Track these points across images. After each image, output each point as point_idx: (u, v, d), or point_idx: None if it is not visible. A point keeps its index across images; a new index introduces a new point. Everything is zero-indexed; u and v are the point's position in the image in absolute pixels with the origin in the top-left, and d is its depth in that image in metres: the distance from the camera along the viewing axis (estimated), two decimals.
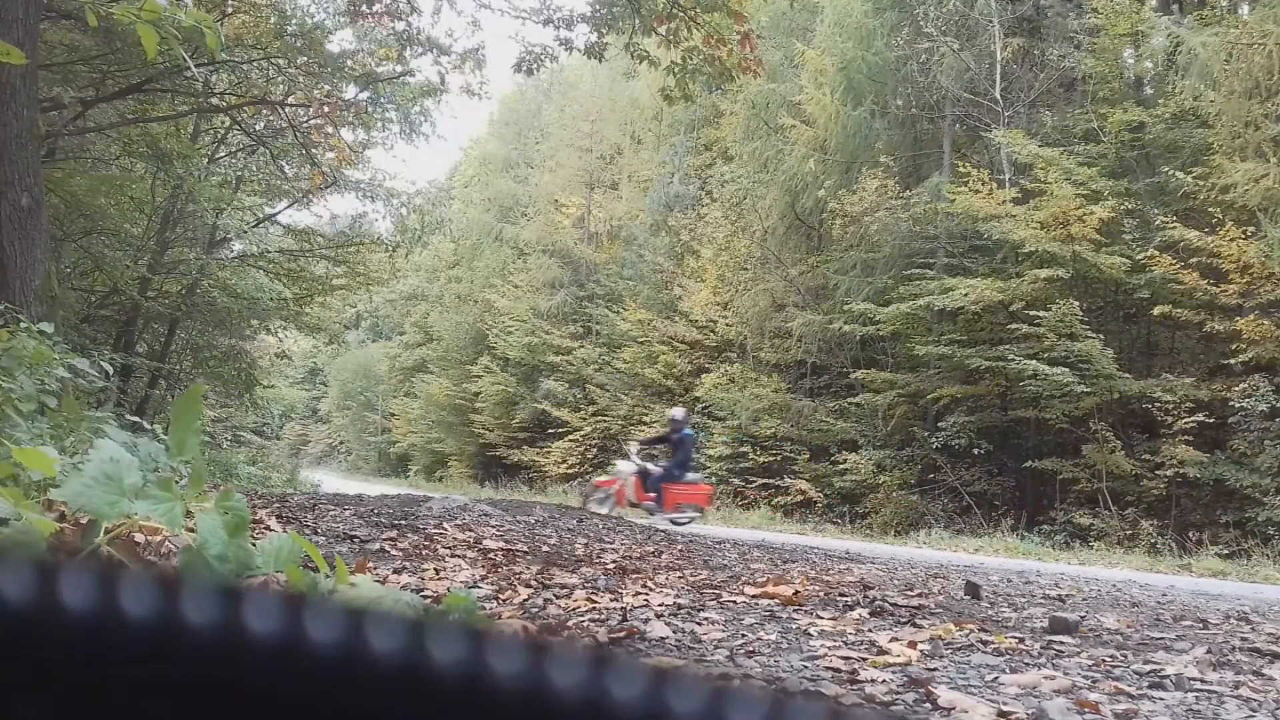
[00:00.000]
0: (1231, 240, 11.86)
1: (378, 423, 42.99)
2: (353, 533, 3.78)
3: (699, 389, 19.85)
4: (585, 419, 24.53)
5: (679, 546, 4.97)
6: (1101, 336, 12.88)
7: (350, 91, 12.79)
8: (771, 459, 17.73)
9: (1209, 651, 2.52)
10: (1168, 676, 2.11)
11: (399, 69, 12.40)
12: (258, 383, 17.52)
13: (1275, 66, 11.60)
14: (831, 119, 17.11)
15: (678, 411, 12.29)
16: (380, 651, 0.28)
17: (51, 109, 9.24)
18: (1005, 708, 1.70)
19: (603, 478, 12.00)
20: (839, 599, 3.17)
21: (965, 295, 13.76)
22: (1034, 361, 12.67)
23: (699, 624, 2.48)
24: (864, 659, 2.10)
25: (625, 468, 11.59)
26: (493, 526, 4.61)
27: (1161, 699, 1.91)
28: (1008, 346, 13.33)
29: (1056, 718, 1.66)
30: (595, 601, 2.73)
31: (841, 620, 2.66)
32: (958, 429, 14.50)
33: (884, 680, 1.88)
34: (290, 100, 12.21)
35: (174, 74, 10.31)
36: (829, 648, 2.21)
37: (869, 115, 17.09)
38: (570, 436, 24.77)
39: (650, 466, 11.52)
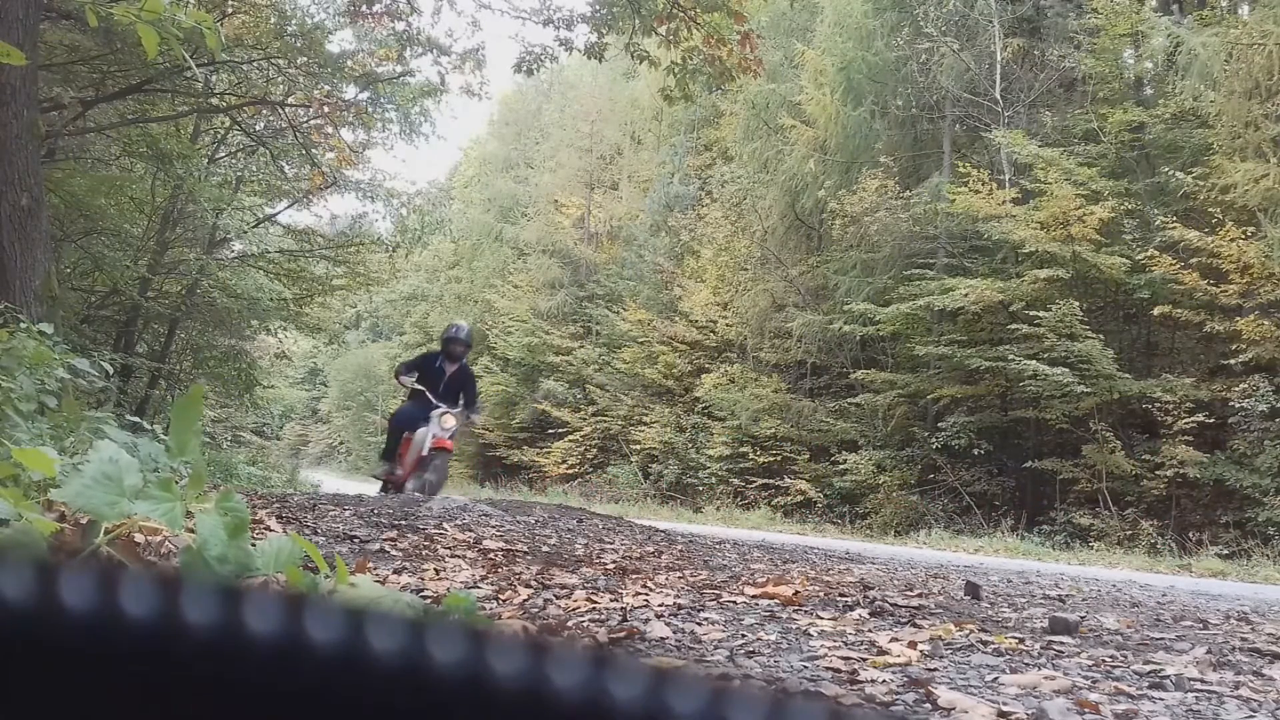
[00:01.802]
0: (1231, 240, 11.86)
1: (378, 423, 42.97)
2: (353, 533, 3.78)
3: (699, 389, 19.86)
4: (585, 419, 24.53)
5: (679, 547, 4.97)
6: (1101, 336, 12.88)
7: (350, 91, 12.81)
8: (771, 459, 17.73)
9: (1209, 652, 2.52)
10: (1168, 677, 2.11)
11: (399, 69, 12.41)
12: (258, 383, 17.51)
13: (1275, 66, 11.61)
14: (831, 119, 17.12)
15: (462, 325, 8.56)
16: (380, 651, 0.28)
17: (51, 109, 9.24)
18: (1005, 708, 1.70)
19: (439, 433, 7.80)
20: (839, 599, 3.17)
21: (965, 295, 13.76)
22: (1034, 362, 12.67)
23: (699, 624, 2.48)
24: (864, 659, 2.10)
25: (450, 426, 7.77)
26: (493, 527, 4.62)
27: (1161, 699, 1.91)
28: (1008, 347, 13.32)
29: (1056, 718, 1.66)
30: (595, 602, 2.73)
31: (841, 620, 2.66)
32: (958, 429, 14.50)
33: (884, 680, 1.88)
34: (290, 100, 12.22)
35: (174, 74, 10.31)
36: (829, 648, 2.21)
37: (869, 115, 17.09)
38: (570, 437, 24.77)
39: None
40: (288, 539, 1.50)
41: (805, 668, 2.00)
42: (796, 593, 3.12)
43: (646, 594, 2.93)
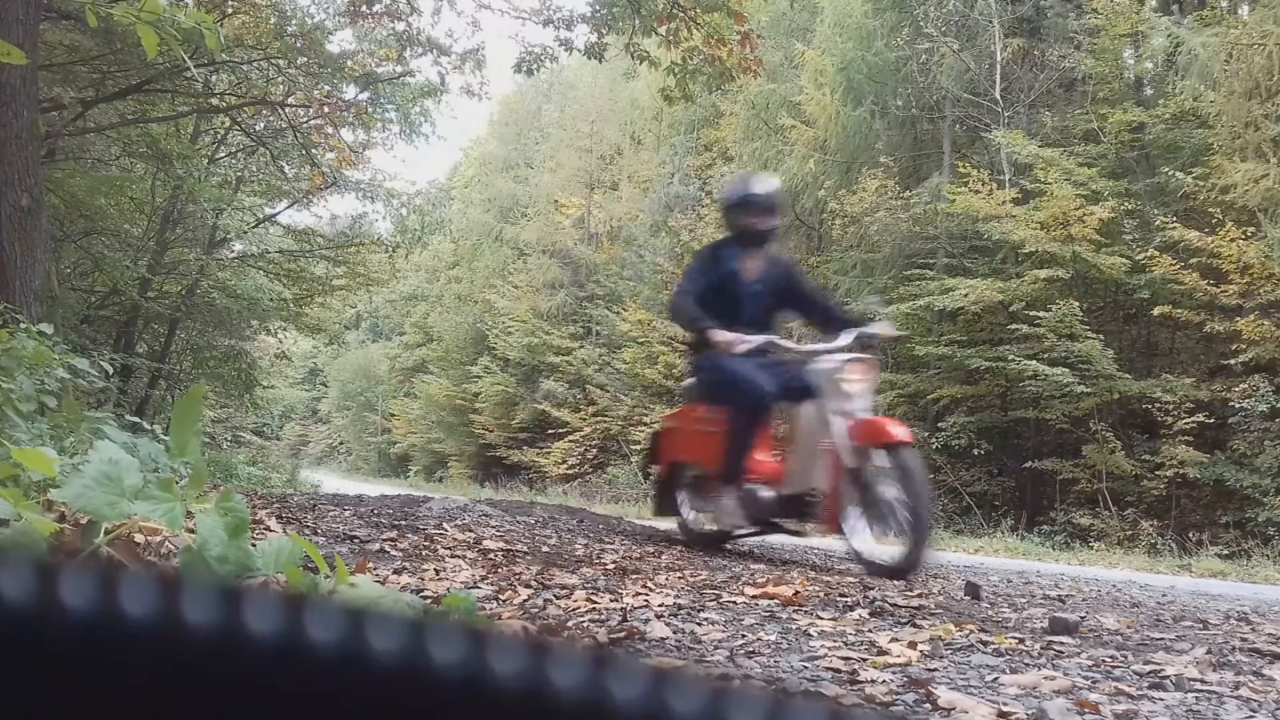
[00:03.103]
0: (1231, 241, 11.87)
1: (378, 423, 43.00)
2: (353, 533, 3.78)
3: None
4: (585, 419, 24.54)
5: (679, 547, 4.97)
6: (1101, 337, 12.89)
7: (350, 92, 12.81)
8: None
9: (1209, 652, 2.51)
10: (1168, 677, 2.11)
11: (399, 69, 12.42)
12: (258, 383, 17.53)
13: (1275, 67, 11.61)
14: (831, 119, 17.12)
15: (757, 180, 4.68)
16: (380, 652, 0.28)
17: (51, 109, 9.24)
18: (1005, 708, 1.70)
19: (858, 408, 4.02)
20: (839, 599, 3.17)
21: (965, 295, 13.77)
22: (1034, 362, 12.67)
23: (699, 624, 2.48)
24: (864, 659, 2.10)
25: (861, 384, 4.02)
26: (493, 527, 4.61)
27: (1161, 699, 1.91)
28: (1008, 347, 13.33)
29: (1056, 718, 1.66)
30: (595, 602, 2.73)
31: (841, 621, 2.66)
32: (958, 429, 14.51)
33: (884, 680, 1.88)
34: (290, 101, 12.22)
35: (174, 74, 10.32)
36: (829, 648, 2.21)
37: (869, 115, 17.09)
38: (570, 437, 24.79)
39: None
40: (288, 539, 1.50)
41: (805, 668, 2.00)
42: (796, 593, 3.12)
43: (646, 594, 2.93)
